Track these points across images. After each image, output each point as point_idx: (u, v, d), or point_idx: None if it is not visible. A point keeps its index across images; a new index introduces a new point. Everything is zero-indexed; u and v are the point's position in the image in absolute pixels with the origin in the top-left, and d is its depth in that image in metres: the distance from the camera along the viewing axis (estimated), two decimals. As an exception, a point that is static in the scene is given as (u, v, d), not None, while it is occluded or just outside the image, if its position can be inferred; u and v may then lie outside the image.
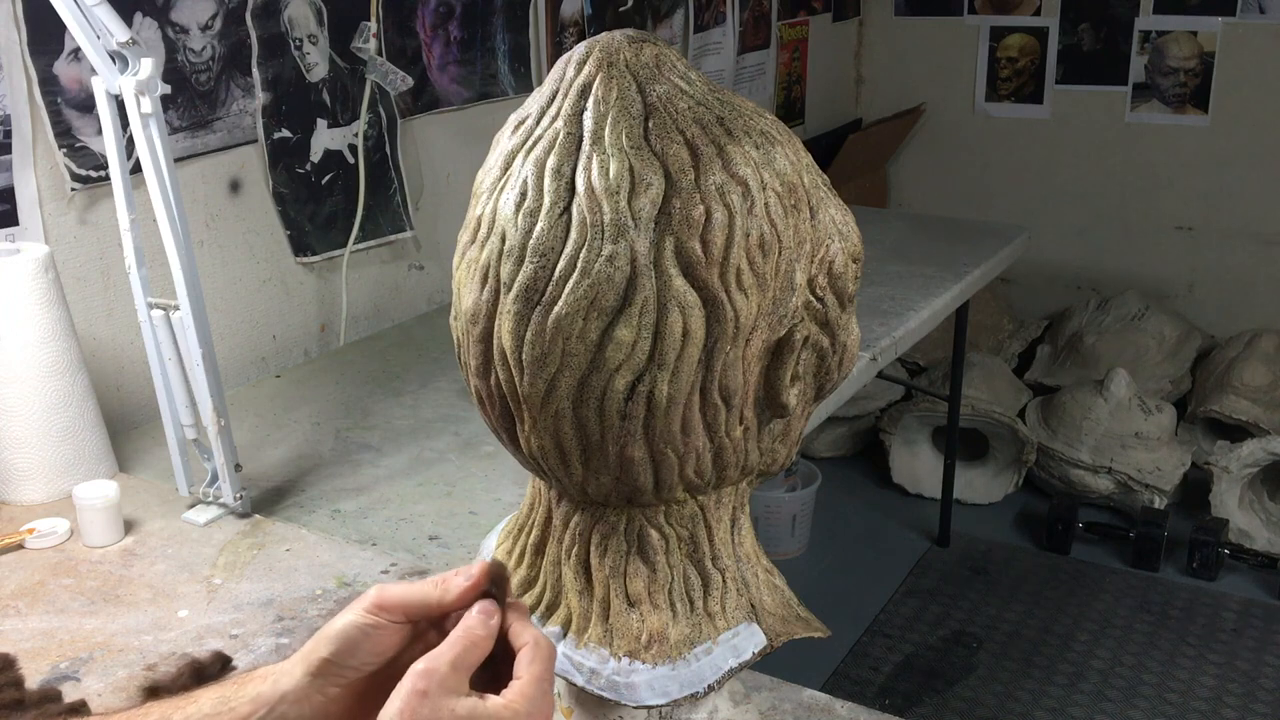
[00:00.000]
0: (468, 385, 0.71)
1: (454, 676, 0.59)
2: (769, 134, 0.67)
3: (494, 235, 0.66)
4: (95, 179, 1.65)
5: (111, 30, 1.26)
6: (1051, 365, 3.70)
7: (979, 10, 3.78)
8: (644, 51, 0.67)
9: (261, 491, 1.50)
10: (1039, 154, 3.82)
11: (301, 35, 1.97)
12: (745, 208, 0.64)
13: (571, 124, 0.65)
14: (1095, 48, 3.65)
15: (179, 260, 1.33)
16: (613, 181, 0.63)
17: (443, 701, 0.58)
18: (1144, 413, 3.23)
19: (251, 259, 1.95)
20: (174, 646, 1.16)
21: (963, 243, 2.66)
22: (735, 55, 3.24)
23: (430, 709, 0.57)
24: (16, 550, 1.35)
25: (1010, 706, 2.56)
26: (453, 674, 0.59)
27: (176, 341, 1.38)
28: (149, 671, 1.10)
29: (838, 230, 0.70)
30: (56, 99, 1.59)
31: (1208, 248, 3.67)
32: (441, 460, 1.60)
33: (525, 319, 0.64)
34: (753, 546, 0.76)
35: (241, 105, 1.88)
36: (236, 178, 1.90)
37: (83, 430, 1.48)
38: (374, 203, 2.14)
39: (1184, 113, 3.59)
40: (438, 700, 0.58)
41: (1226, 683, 2.62)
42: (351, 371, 1.95)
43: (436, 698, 0.58)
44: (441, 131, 2.30)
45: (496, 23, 2.37)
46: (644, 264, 0.63)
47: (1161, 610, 2.89)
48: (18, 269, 1.40)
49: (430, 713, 0.57)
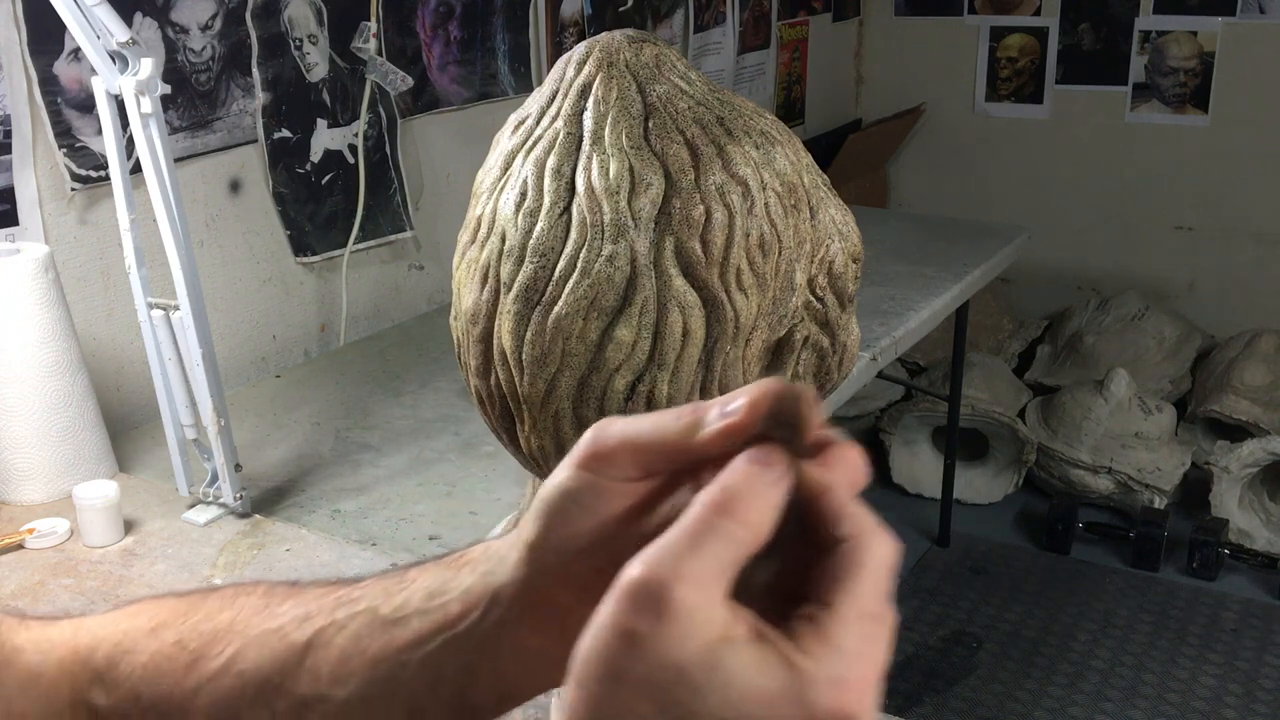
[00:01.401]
0: (468, 385, 0.71)
1: (692, 596, 0.34)
2: (769, 134, 0.67)
3: (494, 235, 0.66)
4: (95, 179, 1.65)
5: (111, 30, 1.26)
6: (1051, 365, 3.69)
7: (979, 10, 3.78)
8: (644, 51, 0.67)
9: (261, 491, 1.50)
10: (1039, 154, 3.82)
11: (301, 35, 1.97)
12: (745, 208, 0.64)
13: (571, 124, 0.65)
14: (1095, 48, 3.65)
15: (179, 260, 1.33)
16: (613, 181, 0.63)
17: (669, 653, 0.33)
18: (1144, 413, 3.23)
19: (251, 259, 1.95)
20: (174, 646, 1.16)
21: (963, 243, 2.66)
22: (735, 55, 3.24)
23: (643, 669, 0.34)
24: (16, 550, 1.35)
25: (1010, 706, 2.56)
26: (691, 591, 0.34)
27: (176, 341, 1.38)
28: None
29: (838, 230, 0.70)
30: (56, 99, 1.59)
31: (1208, 248, 3.67)
32: (441, 460, 1.60)
33: (525, 319, 0.64)
34: (753, 546, 0.76)
35: (241, 105, 1.88)
36: (236, 178, 1.90)
37: (83, 430, 1.48)
38: (374, 203, 2.14)
39: (1184, 113, 3.59)
40: (658, 652, 0.33)
41: (1226, 683, 2.62)
42: (351, 371, 1.95)
43: (656, 646, 0.33)
44: (441, 131, 2.30)
45: (496, 23, 2.37)
46: (644, 264, 0.62)
47: (1161, 610, 2.89)
48: (18, 269, 1.40)
49: (644, 675, 0.34)
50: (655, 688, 0.34)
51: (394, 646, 0.45)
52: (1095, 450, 3.24)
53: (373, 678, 0.45)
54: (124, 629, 0.53)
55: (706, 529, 0.35)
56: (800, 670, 0.34)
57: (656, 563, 0.34)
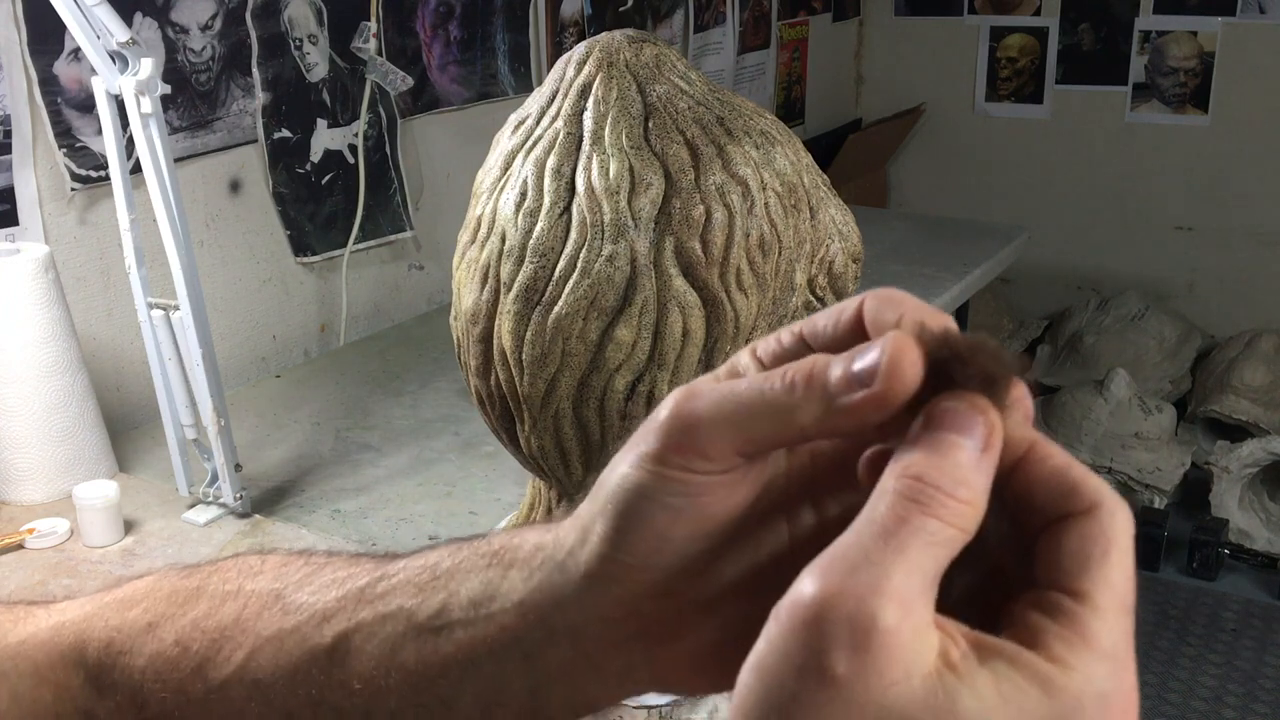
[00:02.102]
0: (468, 385, 0.71)
1: (900, 618, 0.26)
2: (769, 134, 0.67)
3: (494, 235, 0.66)
4: (95, 179, 1.64)
5: (111, 30, 1.26)
6: (1051, 365, 3.69)
7: (979, 10, 3.78)
8: (644, 51, 0.66)
9: (261, 491, 1.50)
10: (1039, 154, 3.82)
11: (301, 35, 1.97)
12: (745, 208, 0.64)
13: (571, 124, 0.65)
14: (1095, 48, 3.65)
15: (179, 260, 1.33)
16: (613, 181, 0.63)
17: (884, 698, 0.26)
18: (1144, 413, 3.23)
19: (251, 259, 1.95)
20: (174, 646, 1.16)
21: (963, 243, 2.66)
22: (735, 55, 3.23)
23: (844, 716, 0.26)
24: (16, 550, 1.35)
25: (1010, 706, 2.56)
26: (897, 612, 0.26)
27: (176, 341, 1.37)
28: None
29: (838, 230, 0.70)
30: (56, 99, 1.59)
31: (1208, 248, 3.67)
32: (441, 460, 1.59)
33: (525, 319, 0.64)
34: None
35: (241, 105, 1.88)
36: (236, 178, 1.90)
37: (83, 430, 1.48)
38: (374, 203, 2.14)
39: (1184, 113, 3.58)
40: (868, 697, 0.26)
41: (1226, 683, 2.62)
42: (351, 371, 1.95)
43: (865, 690, 0.26)
44: (441, 131, 2.29)
45: (496, 23, 2.37)
46: (644, 264, 0.62)
47: (1161, 610, 2.89)
48: (18, 269, 1.40)
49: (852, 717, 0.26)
50: None
51: (438, 659, 0.38)
52: (1095, 450, 3.24)
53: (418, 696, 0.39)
54: (115, 625, 0.47)
55: (903, 528, 0.27)
56: (1061, 690, 0.26)
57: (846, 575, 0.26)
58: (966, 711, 0.26)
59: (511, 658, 0.37)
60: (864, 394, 0.28)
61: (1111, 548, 0.29)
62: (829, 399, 0.29)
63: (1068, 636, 0.27)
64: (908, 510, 0.27)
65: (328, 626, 0.41)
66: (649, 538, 0.33)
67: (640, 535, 0.33)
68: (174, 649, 0.44)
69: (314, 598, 0.42)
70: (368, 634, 0.40)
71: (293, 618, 0.42)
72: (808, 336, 0.32)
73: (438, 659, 0.38)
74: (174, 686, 0.44)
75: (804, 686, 0.26)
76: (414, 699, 0.39)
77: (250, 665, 0.42)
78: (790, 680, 0.26)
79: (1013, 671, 0.26)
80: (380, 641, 0.39)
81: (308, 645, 0.41)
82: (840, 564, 0.27)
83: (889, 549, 0.26)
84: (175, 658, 0.44)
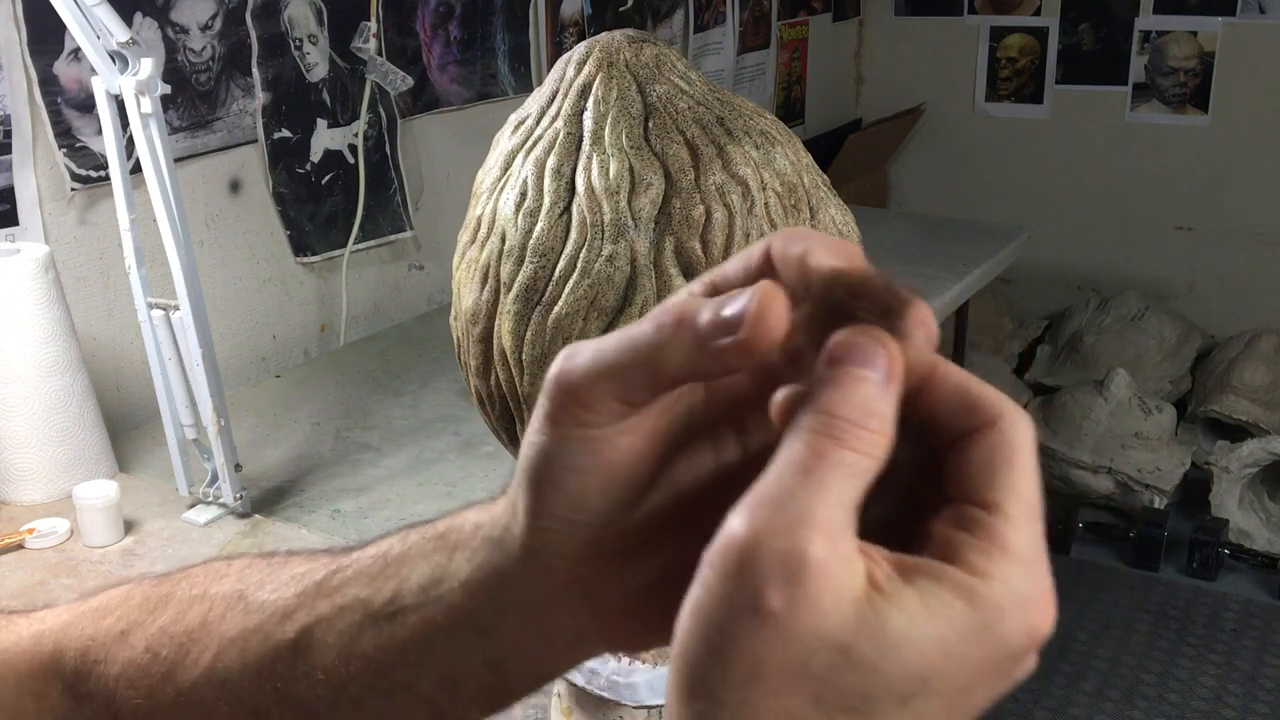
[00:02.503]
0: (468, 385, 0.71)
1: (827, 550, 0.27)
2: (769, 134, 0.67)
3: (494, 235, 0.66)
4: (95, 179, 1.64)
5: (111, 30, 1.26)
6: (1051, 365, 3.69)
7: (979, 10, 3.78)
8: (644, 51, 0.66)
9: (261, 491, 1.50)
10: (1039, 154, 3.82)
11: (301, 35, 1.97)
12: (745, 208, 0.64)
13: (571, 124, 0.65)
14: (1095, 48, 3.65)
15: (179, 260, 1.33)
16: (613, 181, 0.63)
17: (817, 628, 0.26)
18: (1144, 413, 3.23)
19: (251, 259, 1.95)
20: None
21: (963, 243, 2.66)
22: (735, 55, 3.23)
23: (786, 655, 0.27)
24: (16, 550, 1.35)
25: (1010, 706, 2.56)
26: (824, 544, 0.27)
27: (176, 341, 1.37)
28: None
29: (838, 230, 0.70)
30: (56, 99, 1.59)
31: (1208, 248, 3.67)
32: (441, 460, 1.60)
33: (525, 319, 0.64)
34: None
35: (241, 105, 1.88)
36: (236, 178, 1.90)
37: (83, 430, 1.48)
38: (374, 203, 2.14)
39: (1184, 113, 3.58)
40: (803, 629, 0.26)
41: (1226, 683, 2.62)
42: (351, 371, 1.95)
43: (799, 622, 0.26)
44: (441, 131, 2.30)
45: (496, 23, 2.37)
46: (644, 264, 0.62)
47: (1161, 610, 2.89)
48: (18, 269, 1.40)
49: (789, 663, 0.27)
50: (809, 676, 0.27)
51: (395, 644, 0.39)
52: (1095, 450, 3.24)
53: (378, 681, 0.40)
54: (90, 634, 0.47)
55: (821, 462, 0.27)
56: (983, 599, 0.27)
57: (772, 513, 0.27)
58: (897, 630, 0.27)
59: (465, 636, 0.38)
60: (730, 340, 0.29)
61: (1015, 456, 0.29)
62: (698, 342, 0.30)
63: (984, 547, 0.28)
64: (823, 445, 0.28)
65: (289, 622, 0.41)
66: (564, 500, 0.34)
67: (556, 499, 0.34)
68: (144, 655, 0.45)
69: (274, 595, 0.42)
70: (327, 626, 0.40)
71: (255, 617, 0.42)
72: (719, 284, 0.32)
73: (395, 644, 0.39)
74: (145, 692, 0.44)
75: (741, 625, 0.27)
76: (375, 685, 0.40)
77: (217, 666, 0.43)
78: (727, 620, 0.27)
79: (936, 587, 0.27)
80: (340, 632, 0.40)
81: (271, 642, 0.41)
82: (765, 502, 0.27)
83: (810, 484, 0.27)
84: (146, 664, 0.45)
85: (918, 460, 0.31)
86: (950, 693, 0.27)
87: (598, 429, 0.32)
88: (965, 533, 0.28)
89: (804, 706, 0.27)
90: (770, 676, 0.27)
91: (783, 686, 0.27)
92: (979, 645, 0.27)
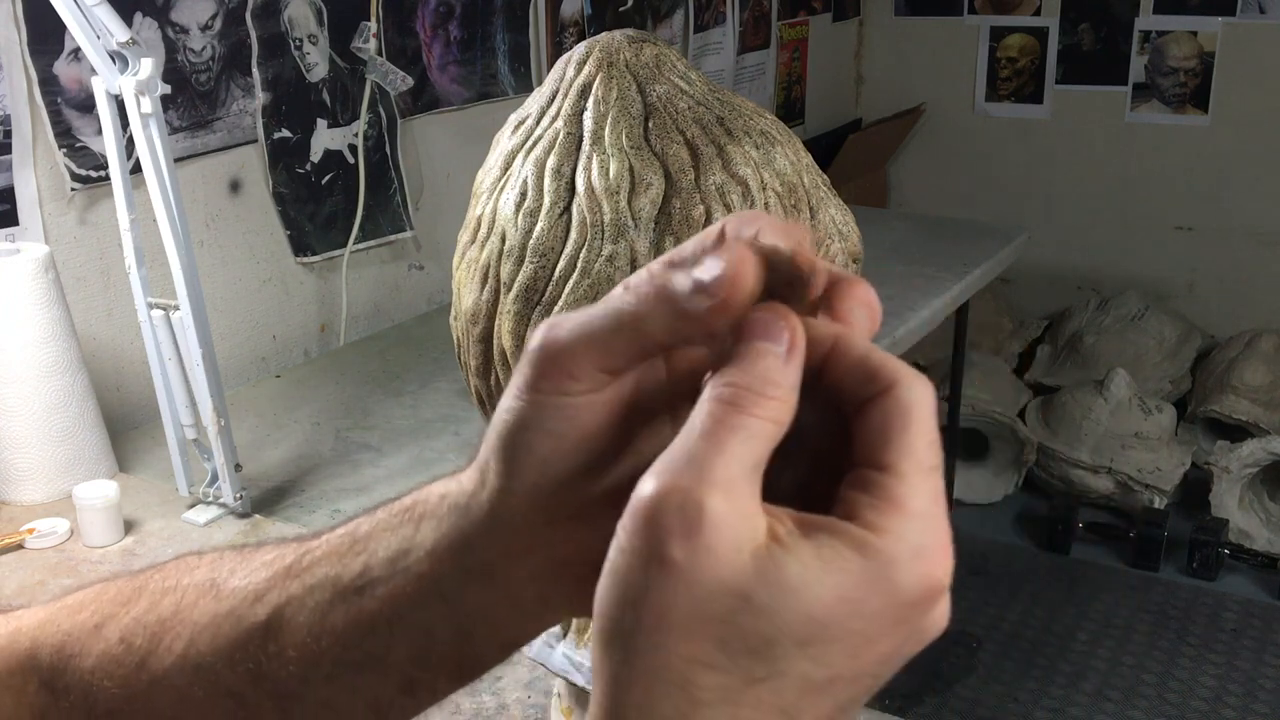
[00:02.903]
0: (468, 385, 0.71)
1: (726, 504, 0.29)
2: (769, 134, 0.67)
3: (494, 235, 0.66)
4: (95, 179, 1.65)
5: (111, 30, 1.26)
6: (1051, 365, 3.69)
7: (979, 10, 3.78)
8: (644, 51, 0.67)
9: (261, 491, 1.50)
10: (1039, 154, 3.82)
11: (301, 35, 1.97)
12: (745, 208, 0.64)
13: (571, 124, 0.65)
14: (1095, 48, 3.65)
15: (179, 260, 1.33)
16: (613, 181, 0.63)
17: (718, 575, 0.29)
18: (1144, 413, 3.23)
19: (251, 259, 1.95)
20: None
21: (963, 243, 2.66)
22: (735, 55, 3.24)
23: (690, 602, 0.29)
24: (16, 550, 1.35)
25: (1010, 706, 2.56)
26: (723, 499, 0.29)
27: (176, 341, 1.38)
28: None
29: (838, 230, 0.70)
30: (56, 99, 1.59)
31: (1208, 248, 3.67)
32: (441, 460, 1.59)
33: (525, 319, 0.64)
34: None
35: (241, 105, 1.88)
36: (236, 178, 1.90)
37: (83, 430, 1.48)
38: (374, 203, 2.14)
39: (1184, 113, 3.58)
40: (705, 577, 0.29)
41: (1226, 683, 2.62)
42: (351, 371, 1.95)
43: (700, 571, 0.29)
44: (441, 131, 2.30)
45: (496, 23, 2.37)
46: (644, 264, 0.62)
47: (1161, 610, 2.89)
48: (18, 269, 1.40)
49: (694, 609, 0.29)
50: (712, 621, 0.29)
51: (365, 617, 0.40)
52: (1095, 450, 3.24)
53: (348, 655, 0.40)
54: (66, 629, 0.47)
55: (722, 428, 0.30)
56: (876, 550, 0.30)
57: (675, 473, 0.29)
58: (792, 577, 0.29)
59: (433, 605, 0.39)
60: (709, 301, 0.31)
61: (910, 419, 0.31)
62: (676, 307, 0.32)
63: (878, 504, 0.30)
64: (725, 412, 0.30)
65: (260, 605, 0.42)
66: (536, 464, 0.35)
67: (527, 463, 0.35)
68: (119, 646, 0.45)
69: (245, 581, 0.43)
70: (298, 605, 0.41)
71: (227, 602, 0.43)
72: (675, 264, 0.33)
73: (365, 617, 0.40)
74: (120, 682, 0.45)
75: (649, 577, 0.29)
76: (346, 658, 0.40)
77: (190, 652, 0.43)
78: (637, 574, 0.29)
79: (832, 539, 0.30)
80: (310, 610, 0.41)
81: (244, 625, 0.42)
82: (670, 464, 0.30)
83: (711, 446, 0.30)
84: (120, 655, 0.45)
85: (829, 427, 0.33)
86: (850, 640, 0.30)
87: (576, 396, 0.34)
88: (863, 493, 0.31)
89: (709, 650, 0.29)
90: (677, 623, 0.29)
91: (689, 632, 0.29)
92: (874, 594, 0.29)
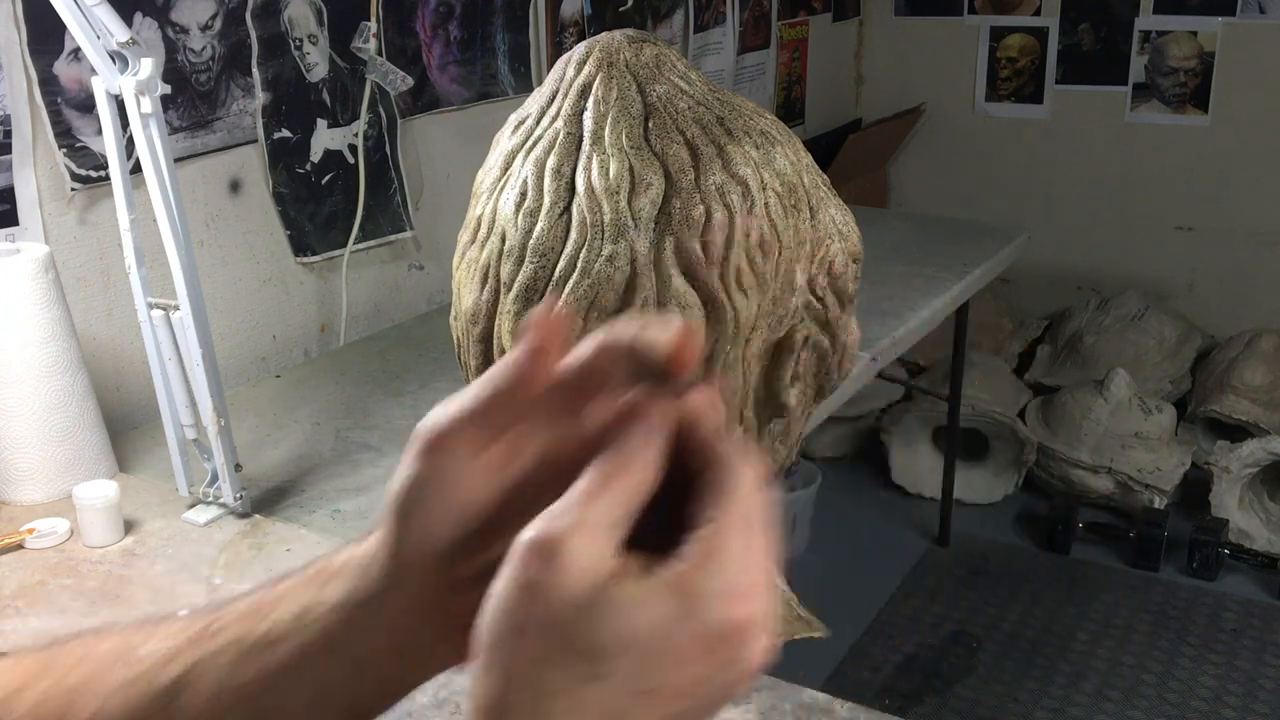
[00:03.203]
0: (468, 385, 0.71)
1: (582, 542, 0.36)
2: (769, 134, 0.67)
3: (494, 235, 0.66)
4: (95, 179, 1.65)
5: (111, 30, 1.26)
6: (1051, 365, 3.69)
7: (979, 10, 3.78)
8: (644, 51, 0.67)
9: (261, 491, 1.50)
10: (1039, 154, 3.82)
11: (301, 35, 1.97)
12: (745, 208, 0.64)
13: (571, 124, 0.65)
14: (1095, 48, 3.65)
15: (179, 260, 1.33)
16: (613, 181, 0.63)
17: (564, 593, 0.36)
18: (1144, 413, 3.23)
19: (251, 259, 1.95)
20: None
21: (963, 243, 2.66)
22: (735, 55, 3.24)
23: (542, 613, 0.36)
24: (16, 550, 1.35)
25: (1010, 706, 2.56)
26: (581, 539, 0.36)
27: (176, 341, 1.38)
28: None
29: (838, 230, 0.70)
30: (56, 99, 1.59)
31: (1208, 248, 3.67)
32: (441, 460, 1.59)
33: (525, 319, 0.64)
34: (753, 546, 0.76)
35: (241, 105, 1.88)
36: (236, 178, 1.90)
37: (83, 430, 1.48)
38: (374, 203, 2.14)
39: (1184, 113, 3.58)
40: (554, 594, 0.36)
41: (1226, 683, 2.62)
42: (351, 371, 1.95)
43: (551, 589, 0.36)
44: (441, 131, 2.30)
45: (496, 23, 2.37)
46: (644, 264, 0.62)
47: (1161, 610, 2.89)
48: (18, 269, 1.40)
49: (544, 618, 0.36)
50: (556, 627, 0.36)
51: (267, 673, 0.44)
52: (1095, 450, 3.24)
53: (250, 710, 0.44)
54: None
55: (592, 490, 0.37)
56: (687, 588, 0.36)
57: (549, 520, 0.37)
58: (621, 600, 0.36)
59: (331, 657, 0.44)
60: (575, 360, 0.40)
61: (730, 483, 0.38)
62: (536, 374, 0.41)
63: (698, 549, 0.37)
64: (596, 479, 0.38)
65: (166, 671, 0.46)
66: (423, 527, 0.42)
67: (416, 525, 0.42)
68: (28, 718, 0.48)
69: (155, 648, 0.47)
70: (204, 668, 0.45)
71: (137, 668, 0.47)
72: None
73: (266, 674, 0.44)
74: None
75: (515, 594, 0.36)
76: (248, 713, 0.45)
77: (100, 715, 0.46)
78: (510, 595, 0.36)
79: (658, 580, 0.37)
80: (217, 670, 0.45)
81: (152, 688, 0.46)
82: (548, 515, 0.37)
83: (580, 503, 0.37)
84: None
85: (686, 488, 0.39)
86: (663, 659, 0.36)
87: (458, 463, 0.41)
88: (692, 540, 0.37)
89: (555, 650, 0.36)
90: (530, 628, 0.36)
91: (540, 634, 0.36)
92: (682, 623, 0.36)
